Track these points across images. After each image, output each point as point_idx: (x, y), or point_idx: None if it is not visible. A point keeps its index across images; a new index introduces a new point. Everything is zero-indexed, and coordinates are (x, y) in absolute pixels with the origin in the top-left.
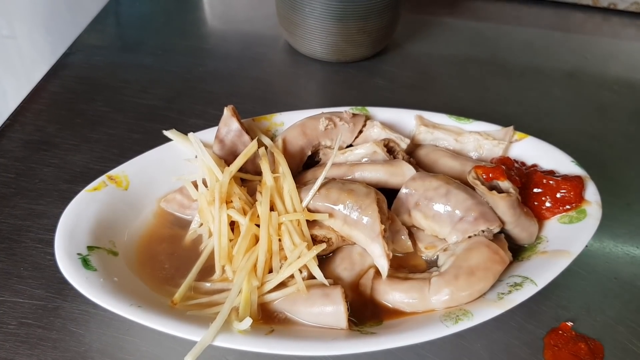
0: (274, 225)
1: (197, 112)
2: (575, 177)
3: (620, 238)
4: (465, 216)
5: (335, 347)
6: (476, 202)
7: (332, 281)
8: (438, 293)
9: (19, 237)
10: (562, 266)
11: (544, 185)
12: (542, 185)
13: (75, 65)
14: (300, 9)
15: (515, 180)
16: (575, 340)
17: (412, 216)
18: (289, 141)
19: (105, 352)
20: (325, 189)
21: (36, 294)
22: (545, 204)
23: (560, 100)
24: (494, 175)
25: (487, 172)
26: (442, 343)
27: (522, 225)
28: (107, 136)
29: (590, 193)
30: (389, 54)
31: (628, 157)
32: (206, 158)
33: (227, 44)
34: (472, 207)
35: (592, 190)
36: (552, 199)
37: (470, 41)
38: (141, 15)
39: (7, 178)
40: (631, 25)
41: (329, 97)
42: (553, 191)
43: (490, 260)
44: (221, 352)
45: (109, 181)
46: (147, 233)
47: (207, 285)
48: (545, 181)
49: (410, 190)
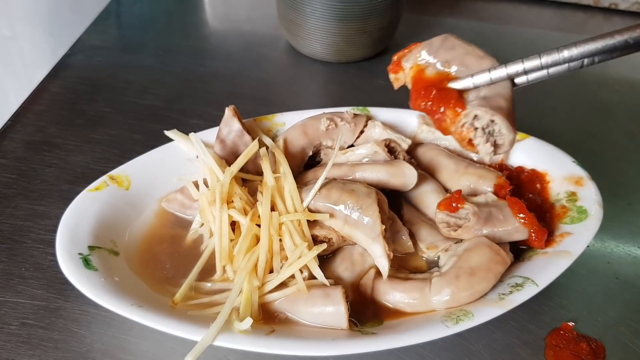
0: (274, 225)
1: (198, 112)
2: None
3: (621, 238)
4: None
5: (336, 347)
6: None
7: (332, 281)
8: (439, 293)
9: (21, 237)
10: (564, 267)
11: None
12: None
13: (77, 66)
14: (301, 9)
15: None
16: (577, 341)
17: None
18: (290, 141)
19: (107, 352)
20: (326, 189)
21: (37, 295)
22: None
23: (561, 101)
24: (457, 204)
25: (449, 206)
26: (443, 343)
27: (502, 234)
28: (108, 136)
29: (591, 193)
30: (389, 54)
31: (629, 157)
32: (207, 158)
33: (228, 44)
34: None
35: (593, 191)
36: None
37: (471, 41)
38: (142, 16)
39: (9, 179)
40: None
41: (330, 97)
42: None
43: (491, 260)
44: (222, 352)
45: (110, 181)
46: (148, 233)
47: (208, 285)
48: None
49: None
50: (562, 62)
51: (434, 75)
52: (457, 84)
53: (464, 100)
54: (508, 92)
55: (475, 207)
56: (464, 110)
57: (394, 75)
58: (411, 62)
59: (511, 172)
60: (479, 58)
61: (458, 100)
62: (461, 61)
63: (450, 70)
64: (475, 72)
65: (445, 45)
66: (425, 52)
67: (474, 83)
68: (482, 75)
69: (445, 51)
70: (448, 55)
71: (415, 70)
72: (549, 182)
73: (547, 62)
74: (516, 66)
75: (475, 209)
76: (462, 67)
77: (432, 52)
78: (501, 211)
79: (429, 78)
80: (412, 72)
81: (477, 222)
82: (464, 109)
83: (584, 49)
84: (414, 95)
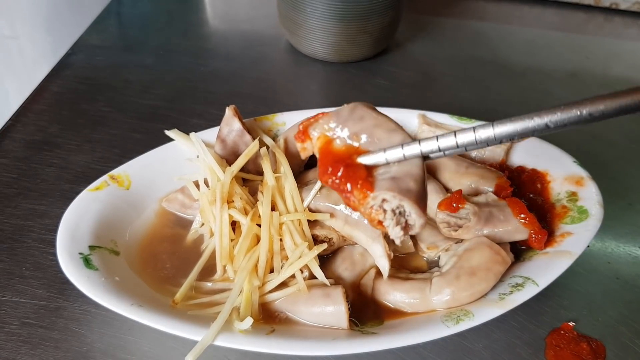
0: (275, 225)
1: (198, 112)
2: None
3: (622, 238)
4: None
5: (336, 347)
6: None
7: (333, 281)
8: (439, 293)
9: (21, 237)
10: (564, 266)
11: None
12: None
13: (77, 66)
14: (301, 9)
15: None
16: (577, 340)
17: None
18: (290, 141)
19: (107, 351)
20: (326, 189)
21: (38, 294)
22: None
23: (562, 100)
24: (457, 204)
25: (449, 206)
26: (443, 343)
27: (502, 234)
28: (108, 136)
29: (592, 193)
30: (390, 54)
31: (630, 157)
32: (208, 158)
33: (228, 44)
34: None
35: (593, 191)
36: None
37: (472, 41)
38: (143, 15)
39: (9, 178)
40: (633, 25)
41: (330, 97)
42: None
43: (491, 260)
44: (222, 352)
45: (111, 181)
46: (148, 233)
47: (208, 285)
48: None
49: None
50: (479, 142)
51: (342, 148)
52: (367, 158)
53: (373, 178)
54: (419, 171)
55: (475, 207)
56: (371, 192)
57: (300, 144)
58: (318, 131)
59: (512, 172)
60: (389, 131)
61: (365, 180)
62: (370, 133)
63: (359, 143)
64: (387, 147)
65: (354, 116)
66: (333, 122)
67: (386, 159)
68: (395, 151)
69: (354, 122)
70: (356, 127)
71: (322, 141)
72: (550, 182)
73: (463, 142)
74: (430, 144)
75: (476, 209)
76: (372, 140)
77: (340, 122)
78: (502, 211)
79: (337, 151)
80: (319, 143)
81: (477, 222)
82: (372, 190)
83: (502, 131)
84: (321, 169)
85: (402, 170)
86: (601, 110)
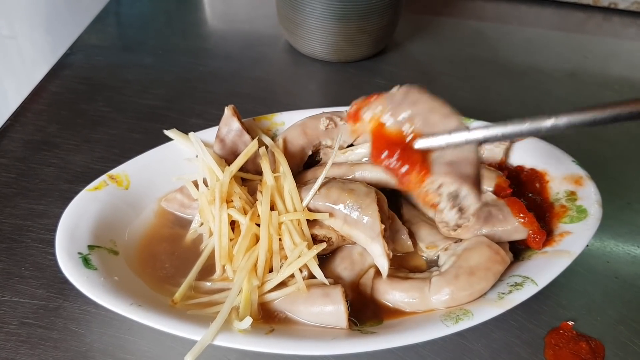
0: (274, 224)
1: (197, 111)
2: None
3: (621, 237)
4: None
5: (336, 346)
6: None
7: (332, 281)
8: (438, 293)
9: (20, 237)
10: (563, 266)
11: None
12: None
13: (76, 65)
14: (300, 8)
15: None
16: (576, 340)
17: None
18: (289, 141)
19: (106, 351)
20: (325, 189)
21: (37, 294)
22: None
23: (561, 100)
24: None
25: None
26: (442, 342)
27: (501, 234)
28: (107, 136)
29: (591, 193)
30: (389, 54)
31: (629, 157)
32: (207, 157)
33: (227, 43)
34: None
35: (592, 190)
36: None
37: (471, 41)
38: (142, 15)
39: (8, 178)
40: (632, 25)
41: (329, 96)
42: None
43: (491, 260)
44: (221, 352)
45: (110, 181)
46: (147, 232)
47: (208, 285)
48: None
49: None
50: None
51: (395, 131)
52: (422, 143)
53: (428, 162)
54: (475, 156)
55: None
56: (428, 175)
57: (352, 125)
58: (370, 113)
59: (511, 172)
60: (444, 116)
61: (422, 163)
62: (425, 118)
63: (413, 127)
64: (440, 133)
65: (408, 100)
66: (386, 105)
67: (440, 144)
68: (458, 135)
69: (408, 106)
70: (411, 111)
71: (374, 123)
72: (549, 181)
73: (520, 130)
74: (492, 130)
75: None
76: (426, 124)
77: (393, 105)
78: (501, 211)
79: (390, 135)
80: (371, 125)
81: (476, 221)
82: (429, 173)
83: (564, 121)
84: (375, 152)
85: (458, 155)
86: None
